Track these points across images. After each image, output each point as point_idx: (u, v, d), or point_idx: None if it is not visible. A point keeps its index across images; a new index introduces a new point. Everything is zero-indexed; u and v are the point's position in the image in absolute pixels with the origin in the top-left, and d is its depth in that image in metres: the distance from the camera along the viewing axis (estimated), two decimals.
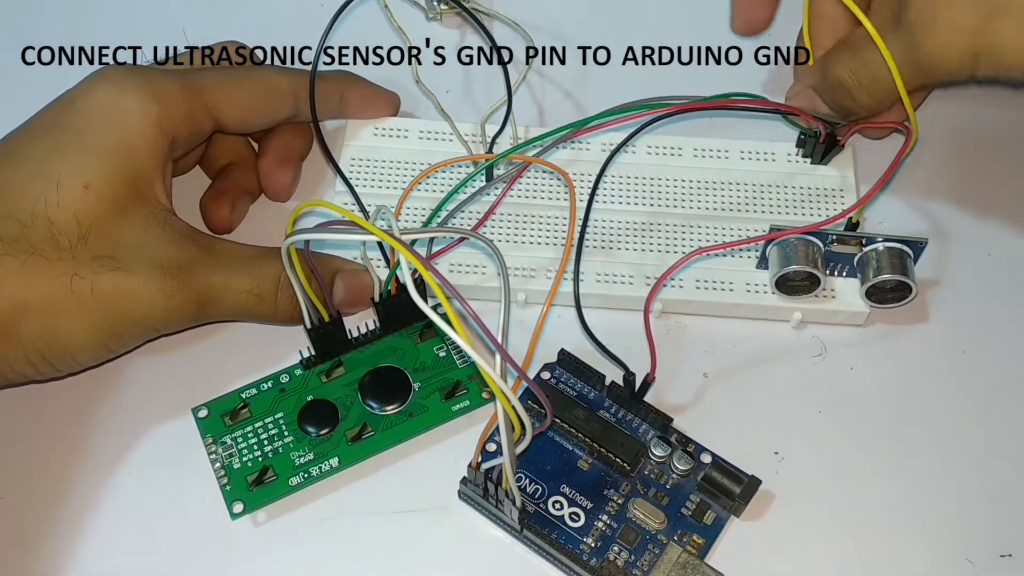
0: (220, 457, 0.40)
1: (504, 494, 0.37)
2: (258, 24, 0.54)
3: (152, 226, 0.39)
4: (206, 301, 0.40)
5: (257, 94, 0.44)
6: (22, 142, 0.39)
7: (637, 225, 0.46)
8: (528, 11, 0.52)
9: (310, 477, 0.40)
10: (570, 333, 0.43)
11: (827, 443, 0.41)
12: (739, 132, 0.49)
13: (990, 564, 0.39)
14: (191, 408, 0.41)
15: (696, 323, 0.44)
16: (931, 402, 0.42)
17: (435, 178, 0.47)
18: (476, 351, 0.31)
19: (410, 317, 0.43)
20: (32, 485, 0.40)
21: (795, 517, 0.40)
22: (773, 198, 0.47)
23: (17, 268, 0.37)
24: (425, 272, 0.32)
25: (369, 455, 0.40)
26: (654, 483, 0.40)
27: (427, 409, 0.41)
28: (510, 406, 0.32)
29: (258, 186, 0.46)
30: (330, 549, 0.39)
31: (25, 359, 0.38)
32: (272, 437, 0.41)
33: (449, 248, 0.44)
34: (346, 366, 0.42)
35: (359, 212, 0.45)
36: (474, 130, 0.48)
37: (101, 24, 0.53)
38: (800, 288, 0.43)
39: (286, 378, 0.42)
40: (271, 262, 0.41)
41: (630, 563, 0.38)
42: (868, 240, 0.43)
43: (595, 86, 0.51)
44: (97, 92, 0.40)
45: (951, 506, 0.40)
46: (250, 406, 0.41)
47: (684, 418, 0.42)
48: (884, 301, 0.44)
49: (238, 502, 0.39)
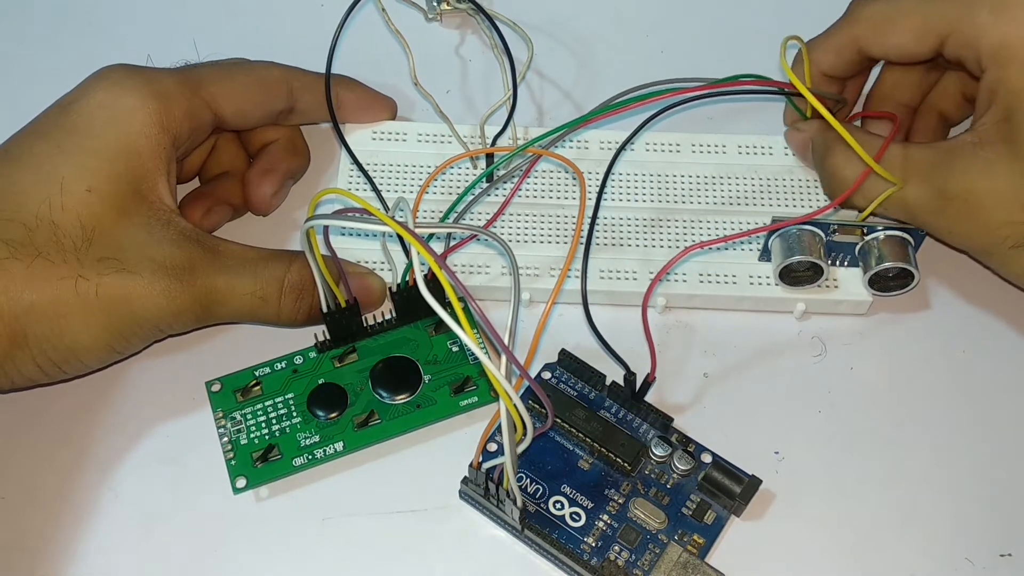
0: (228, 432, 0.41)
1: (505, 494, 0.37)
2: (258, 24, 0.54)
3: (156, 227, 0.40)
4: (210, 303, 0.40)
5: (250, 84, 0.44)
6: (25, 144, 0.40)
7: (640, 221, 0.46)
8: (528, 11, 0.52)
9: (314, 459, 0.40)
10: (570, 332, 0.44)
11: (827, 443, 0.42)
12: (736, 125, 0.49)
13: (990, 564, 0.39)
14: (205, 382, 0.42)
15: (698, 319, 0.44)
16: (931, 402, 0.43)
17: (442, 180, 0.47)
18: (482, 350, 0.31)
19: (426, 310, 0.43)
20: (34, 486, 0.40)
21: (795, 517, 0.40)
22: (773, 191, 0.47)
23: (22, 271, 0.37)
24: (437, 269, 0.32)
25: (374, 442, 0.41)
26: (655, 483, 0.40)
27: (435, 402, 0.42)
28: (512, 406, 0.33)
29: (242, 200, 0.46)
30: (330, 549, 0.39)
31: (31, 361, 0.38)
32: (281, 416, 0.41)
33: (457, 247, 0.45)
34: (359, 353, 0.43)
35: (379, 204, 0.45)
36: (473, 131, 0.48)
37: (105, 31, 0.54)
38: (803, 279, 0.44)
39: (300, 360, 0.42)
40: (276, 264, 0.41)
41: (631, 563, 0.38)
42: (869, 229, 0.43)
43: (594, 86, 0.52)
44: (97, 92, 0.40)
45: (951, 506, 0.40)
46: (262, 384, 0.42)
47: (685, 418, 0.42)
48: (887, 289, 0.44)
49: (241, 477, 0.40)
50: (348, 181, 0.47)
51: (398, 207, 0.35)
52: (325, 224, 0.36)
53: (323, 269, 0.39)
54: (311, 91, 0.46)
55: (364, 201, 0.35)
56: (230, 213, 0.46)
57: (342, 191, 0.38)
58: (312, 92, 0.46)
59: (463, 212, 0.45)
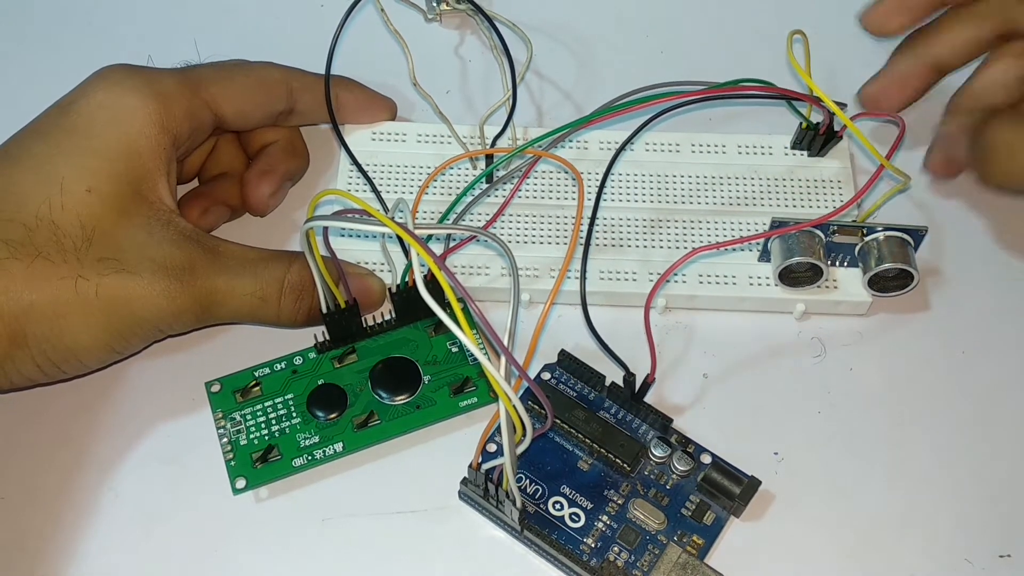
0: (228, 432, 0.41)
1: (504, 494, 0.37)
2: (258, 24, 0.54)
3: (156, 228, 0.40)
4: (210, 303, 0.40)
5: (250, 84, 0.44)
6: (25, 145, 0.40)
7: (639, 222, 0.46)
8: (527, 12, 0.52)
9: (314, 460, 0.40)
10: (570, 333, 0.44)
11: (827, 443, 0.42)
12: (737, 126, 0.49)
13: (990, 564, 0.39)
14: (204, 382, 0.42)
15: (698, 320, 0.44)
16: (931, 402, 0.43)
17: (441, 180, 0.47)
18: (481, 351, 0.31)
19: (426, 310, 0.43)
20: (34, 486, 0.40)
21: (795, 517, 0.40)
22: (773, 191, 0.47)
23: (22, 271, 0.37)
24: (437, 269, 0.32)
25: (373, 443, 0.41)
26: (654, 484, 0.40)
27: (435, 403, 0.42)
28: (512, 406, 0.33)
29: (240, 200, 0.46)
30: (330, 549, 0.39)
31: (31, 361, 0.38)
32: (280, 417, 0.41)
33: (457, 248, 0.45)
34: (359, 353, 0.43)
35: (378, 206, 0.45)
36: (472, 132, 0.48)
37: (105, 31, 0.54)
38: (803, 279, 0.44)
39: (299, 360, 0.42)
40: (275, 265, 0.41)
41: (630, 563, 0.38)
42: (869, 230, 0.43)
43: (594, 86, 0.51)
44: (97, 92, 0.40)
45: (951, 506, 0.40)
46: (262, 385, 0.42)
47: (684, 418, 0.42)
48: (886, 290, 0.44)
49: (241, 478, 0.40)
50: (347, 182, 0.47)
51: (397, 208, 0.35)
52: (325, 225, 0.36)
53: (323, 270, 0.39)
54: (311, 92, 0.46)
55: (363, 202, 0.35)
56: (227, 214, 0.46)
57: (341, 192, 0.38)
58: (312, 93, 0.46)
59: (462, 213, 0.45)
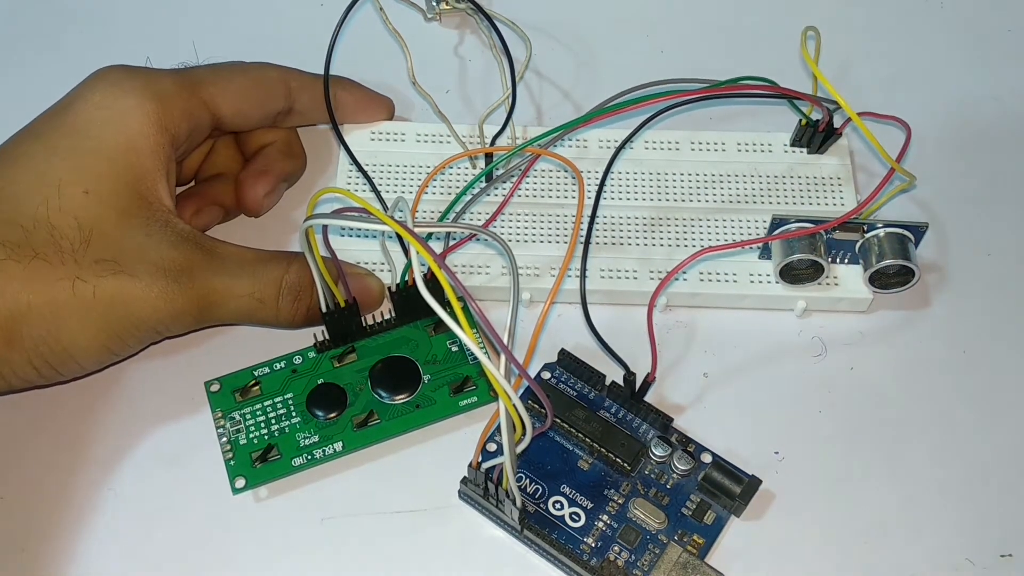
0: (227, 432, 0.41)
1: (504, 494, 0.37)
2: (258, 24, 0.54)
3: (154, 229, 0.39)
4: (208, 304, 0.40)
5: (249, 84, 0.44)
6: (23, 146, 0.40)
7: (639, 220, 0.46)
8: (527, 11, 0.52)
9: (313, 459, 0.40)
10: (570, 332, 0.44)
11: (827, 443, 0.42)
12: (737, 124, 0.49)
13: (990, 564, 0.39)
14: (204, 382, 0.42)
15: (699, 318, 0.44)
16: (932, 401, 0.43)
17: (440, 179, 0.47)
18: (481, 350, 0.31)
19: (426, 309, 0.43)
20: (34, 486, 0.40)
21: (795, 517, 0.40)
22: (773, 189, 0.47)
23: (20, 272, 0.37)
24: (436, 268, 0.32)
25: (373, 442, 0.41)
26: (654, 483, 0.40)
27: (434, 402, 0.42)
28: (512, 405, 0.33)
29: (234, 201, 0.46)
30: (330, 549, 0.39)
31: (28, 363, 0.38)
32: (280, 416, 0.41)
33: (456, 246, 0.45)
34: (359, 353, 0.43)
35: (378, 205, 0.45)
36: (472, 131, 0.48)
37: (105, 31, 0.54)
38: (804, 276, 0.44)
39: (299, 360, 0.42)
40: (273, 266, 0.41)
41: (630, 563, 0.38)
42: (869, 226, 0.43)
43: (593, 86, 0.51)
44: (95, 93, 0.40)
45: (951, 506, 0.40)
46: (261, 384, 0.42)
47: (684, 418, 0.42)
48: (887, 286, 0.44)
49: (240, 477, 0.40)
50: (347, 181, 0.47)
51: (397, 206, 0.35)
52: (324, 223, 0.36)
53: (322, 268, 0.39)
54: (309, 91, 0.46)
55: (363, 200, 0.35)
56: (221, 214, 0.46)
57: (341, 191, 0.38)
58: (310, 92, 0.46)
59: (462, 212, 0.45)
